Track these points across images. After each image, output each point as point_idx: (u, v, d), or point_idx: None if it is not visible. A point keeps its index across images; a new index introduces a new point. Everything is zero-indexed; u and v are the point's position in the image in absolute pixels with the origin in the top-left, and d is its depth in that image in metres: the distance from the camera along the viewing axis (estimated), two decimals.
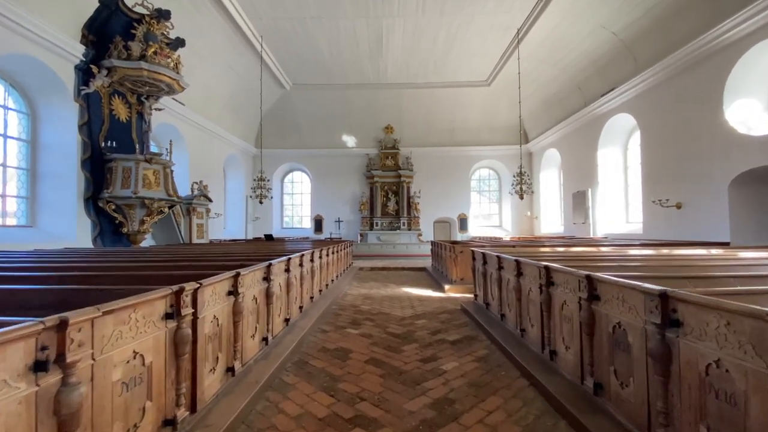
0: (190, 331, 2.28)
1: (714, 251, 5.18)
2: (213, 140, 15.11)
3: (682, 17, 9.14)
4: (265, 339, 3.68)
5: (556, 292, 3.18)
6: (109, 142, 9.42)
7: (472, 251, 5.98)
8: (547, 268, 3.27)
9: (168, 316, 2.13)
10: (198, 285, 2.37)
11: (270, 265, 3.76)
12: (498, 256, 4.63)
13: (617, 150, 12.97)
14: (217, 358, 2.73)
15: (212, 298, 2.63)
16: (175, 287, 2.16)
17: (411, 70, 15.18)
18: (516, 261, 3.98)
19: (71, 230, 8.74)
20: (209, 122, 14.44)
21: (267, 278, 3.74)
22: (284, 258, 4.37)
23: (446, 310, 6.10)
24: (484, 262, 5.35)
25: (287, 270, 4.46)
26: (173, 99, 12.37)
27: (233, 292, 2.93)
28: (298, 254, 5.03)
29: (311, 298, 5.81)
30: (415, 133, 18.71)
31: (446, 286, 7.84)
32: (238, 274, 2.96)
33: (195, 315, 2.39)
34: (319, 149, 19.10)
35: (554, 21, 11.33)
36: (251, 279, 3.37)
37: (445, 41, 12.95)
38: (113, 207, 9.30)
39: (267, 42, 12.71)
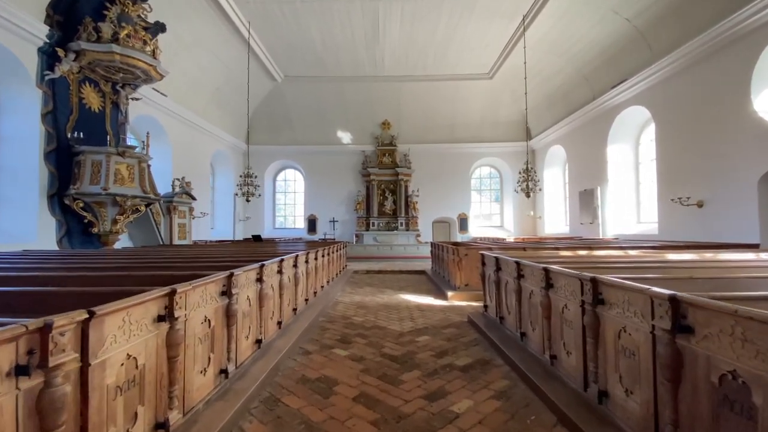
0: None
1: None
2: (199, 135, 14.22)
3: (703, 0, 8.40)
4: (223, 372, 2.84)
5: (609, 313, 2.37)
6: (78, 133, 8.52)
7: (482, 255, 5.17)
8: (594, 281, 2.46)
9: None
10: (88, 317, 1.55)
11: (232, 275, 2.92)
12: (517, 263, 3.82)
13: (628, 146, 12.21)
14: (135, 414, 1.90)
15: (123, 331, 1.80)
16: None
17: (409, 61, 14.36)
18: (544, 270, 3.17)
19: (31, 230, 7.86)
20: (195, 115, 13.56)
21: (227, 292, 2.90)
22: (255, 265, 3.53)
23: (451, 322, 5.28)
24: (497, 269, 4.54)
25: (260, 280, 3.63)
26: (154, 89, 11.50)
27: (164, 317, 2.09)
28: (276, 260, 4.19)
29: (294, 310, 4.97)
30: (413, 129, 17.89)
31: (449, 293, 7.03)
32: (173, 292, 2.13)
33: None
34: (312, 146, 18.24)
35: (563, 7, 10.56)
36: (201, 296, 2.53)
37: (445, 29, 12.14)
38: (81, 205, 8.44)
39: (255, 29, 11.86)
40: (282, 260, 4.33)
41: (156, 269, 3.53)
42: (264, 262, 3.69)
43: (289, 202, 19.94)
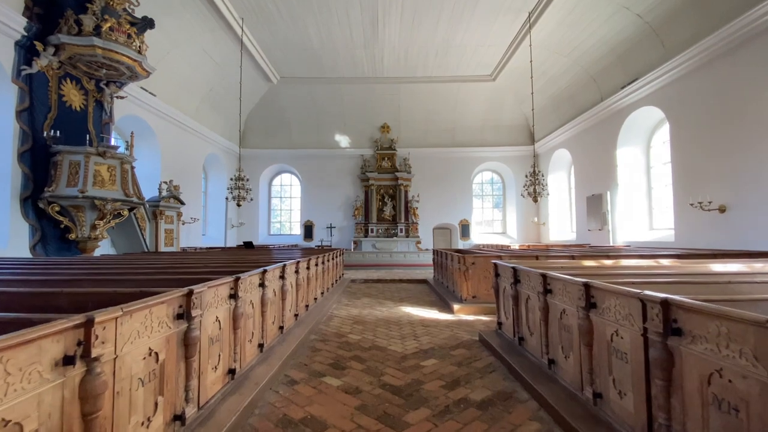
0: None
1: None
2: (190, 137, 13.64)
3: None
4: (178, 418, 2.20)
5: (689, 349, 1.74)
6: (55, 131, 7.93)
7: (495, 265, 4.55)
8: (666, 304, 1.84)
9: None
10: None
11: (191, 293, 2.29)
12: (543, 275, 3.20)
13: (639, 149, 11.66)
14: None
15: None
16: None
17: (409, 61, 13.86)
18: (585, 286, 2.55)
19: (2, 236, 7.23)
20: (186, 117, 12.99)
21: (185, 315, 2.27)
22: (228, 278, 2.90)
23: (461, 341, 4.64)
24: (515, 281, 3.92)
25: (234, 296, 2.99)
26: (142, 88, 10.95)
27: (69, 359, 1.47)
28: (257, 271, 3.56)
29: (280, 328, 4.32)
30: (413, 132, 17.36)
31: (455, 306, 6.38)
32: (89, 321, 1.50)
33: None
34: (309, 149, 17.67)
35: (570, 3, 10.08)
36: (144, 322, 1.91)
37: (447, 27, 11.65)
38: (57, 209, 7.82)
39: (249, 26, 11.35)
40: (265, 271, 3.69)
41: (92, 284, 2.91)
42: (240, 275, 3.06)
43: (285, 208, 19.31)
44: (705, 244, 8.64)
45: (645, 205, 11.59)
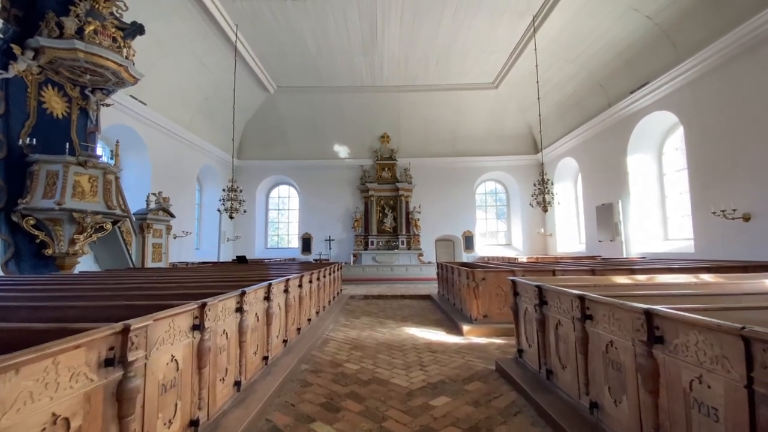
0: None
1: None
2: (184, 148, 13.18)
3: None
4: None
5: None
6: (32, 140, 7.43)
7: (513, 282, 3.95)
8: None
9: None
10: None
11: (128, 331, 1.71)
12: (581, 298, 2.61)
13: (650, 156, 11.16)
14: None
15: None
16: None
17: (410, 69, 13.50)
18: (646, 314, 1.96)
19: None
20: (179, 127, 12.55)
21: (116, 361, 1.68)
22: (190, 305, 2.32)
23: (474, 371, 4.01)
24: (540, 302, 3.32)
25: (198, 327, 2.40)
26: (132, 97, 10.53)
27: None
28: (232, 294, 2.97)
29: (265, 358, 3.71)
30: (413, 142, 16.92)
31: (464, 327, 5.75)
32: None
33: None
34: (308, 160, 17.21)
35: (576, 5, 9.71)
36: (51, 376, 1.33)
37: (448, 32, 11.28)
38: (32, 222, 7.25)
39: (244, 32, 10.98)
40: (244, 293, 3.10)
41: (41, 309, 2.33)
42: (207, 300, 2.47)
43: (283, 220, 18.75)
44: (728, 255, 8.04)
45: (659, 215, 11.02)
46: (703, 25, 8.31)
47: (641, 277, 4.14)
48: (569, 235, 15.61)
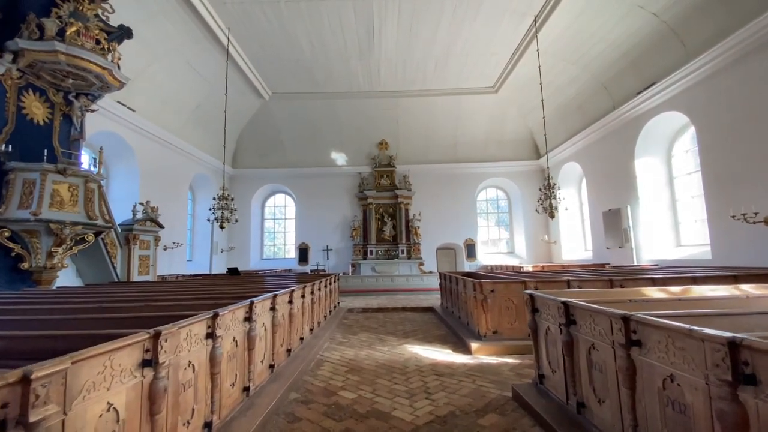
0: None
1: None
2: (175, 156, 12.74)
3: None
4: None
5: None
6: (7, 146, 6.97)
7: (530, 297, 3.45)
8: None
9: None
10: None
11: (28, 387, 1.21)
12: (624, 318, 2.11)
13: (658, 159, 10.74)
14: None
15: None
16: None
17: (407, 73, 13.15)
18: (729, 344, 1.48)
19: None
20: (169, 134, 12.14)
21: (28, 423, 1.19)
22: (140, 335, 1.83)
23: (489, 400, 3.49)
24: (567, 322, 2.83)
25: (150, 362, 1.90)
26: (119, 103, 10.12)
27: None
28: (203, 317, 2.47)
29: (245, 390, 3.18)
30: (412, 148, 16.53)
31: (472, 344, 5.22)
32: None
33: None
34: (304, 168, 16.78)
35: (579, 4, 9.39)
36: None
37: (447, 35, 10.95)
38: (7, 234, 6.77)
39: (236, 36, 10.63)
40: (216, 315, 2.60)
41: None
42: (162, 328, 1.97)
43: (279, 230, 18.24)
44: (749, 262, 7.57)
45: (670, 220, 10.56)
46: (714, 21, 7.97)
47: (674, 289, 3.65)
48: (574, 242, 15.12)
